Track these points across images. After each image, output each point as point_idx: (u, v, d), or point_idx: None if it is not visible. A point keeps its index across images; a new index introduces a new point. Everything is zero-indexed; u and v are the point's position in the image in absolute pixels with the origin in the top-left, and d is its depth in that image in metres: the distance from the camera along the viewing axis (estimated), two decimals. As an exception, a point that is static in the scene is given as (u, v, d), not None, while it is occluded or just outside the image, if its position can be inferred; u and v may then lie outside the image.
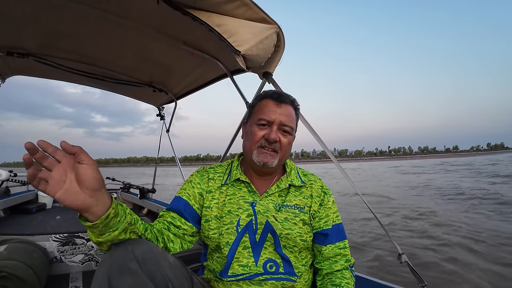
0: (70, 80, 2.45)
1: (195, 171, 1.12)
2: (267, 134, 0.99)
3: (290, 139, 1.04)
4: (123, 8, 1.40)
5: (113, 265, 0.69)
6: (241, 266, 0.94)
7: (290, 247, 0.98)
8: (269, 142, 0.99)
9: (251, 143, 1.02)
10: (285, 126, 1.01)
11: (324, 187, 1.11)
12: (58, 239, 1.96)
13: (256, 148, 1.00)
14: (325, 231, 1.02)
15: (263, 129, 1.01)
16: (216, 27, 1.12)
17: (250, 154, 1.02)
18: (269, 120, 1.00)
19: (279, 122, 1.00)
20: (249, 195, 1.03)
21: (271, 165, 0.99)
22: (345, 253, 1.02)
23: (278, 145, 1.00)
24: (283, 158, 1.04)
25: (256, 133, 1.01)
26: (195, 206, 1.02)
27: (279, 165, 1.05)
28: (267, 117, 1.00)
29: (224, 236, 0.97)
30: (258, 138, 1.00)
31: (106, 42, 1.79)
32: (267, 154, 0.99)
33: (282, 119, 1.00)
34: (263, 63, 1.35)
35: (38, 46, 1.83)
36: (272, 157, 0.99)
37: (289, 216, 1.00)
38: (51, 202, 2.80)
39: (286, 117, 1.01)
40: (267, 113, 1.01)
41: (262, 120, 1.01)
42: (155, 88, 2.56)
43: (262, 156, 0.99)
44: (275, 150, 1.00)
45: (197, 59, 1.87)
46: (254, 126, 1.03)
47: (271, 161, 0.99)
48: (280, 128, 1.01)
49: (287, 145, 1.02)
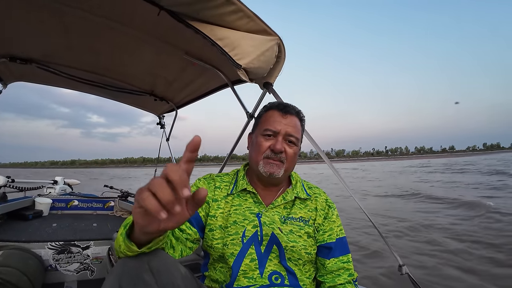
0: (72, 87, 2.47)
1: (201, 178, 1.11)
2: (273, 144, 1.00)
3: (295, 150, 1.04)
4: (126, 17, 1.42)
5: (127, 274, 0.67)
6: (246, 278, 0.93)
7: (294, 260, 0.97)
8: (274, 153, 0.99)
9: (257, 153, 1.02)
10: (290, 136, 1.02)
11: (329, 200, 1.12)
12: (54, 247, 1.94)
13: (262, 159, 1.01)
14: (329, 244, 1.02)
15: (268, 139, 1.02)
16: (218, 41, 1.14)
17: (256, 165, 1.02)
18: (274, 131, 1.01)
19: (284, 133, 1.01)
20: (255, 206, 1.03)
21: (277, 175, 1.00)
22: (349, 267, 1.01)
23: (284, 156, 1.01)
24: (289, 169, 1.04)
25: (262, 143, 1.02)
26: (201, 213, 1.01)
27: (285, 176, 1.06)
28: (273, 127, 1.01)
29: (229, 246, 0.95)
30: (264, 148, 1.01)
31: (108, 51, 1.82)
32: (273, 164, 1.00)
33: (287, 130, 1.01)
34: (265, 74, 1.37)
35: (42, 54, 1.86)
36: (278, 167, 1.00)
37: (294, 228, 1.00)
38: (47, 209, 2.77)
39: (291, 128, 1.02)
40: (272, 123, 1.02)
41: (268, 131, 1.02)
42: (156, 97, 2.58)
43: (268, 166, 0.99)
44: (281, 160, 1.01)
45: (199, 69, 1.89)
46: (260, 137, 1.03)
47: (277, 171, 1.00)
48: (286, 139, 1.02)
49: (292, 155, 1.03)
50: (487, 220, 5.74)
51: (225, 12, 1.10)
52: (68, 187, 3.46)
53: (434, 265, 3.67)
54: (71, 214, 2.91)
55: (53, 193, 3.18)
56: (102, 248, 2.06)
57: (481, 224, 5.50)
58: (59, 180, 3.40)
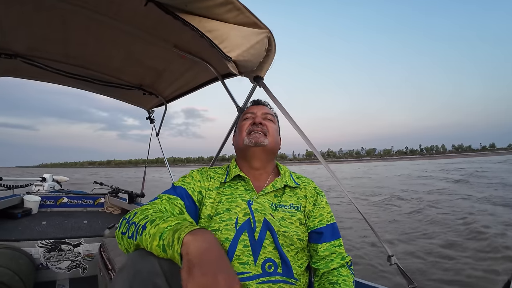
0: (59, 82, 2.41)
1: (194, 170, 1.13)
2: (252, 120, 1.13)
3: (274, 127, 1.16)
4: (113, 10, 1.39)
5: (137, 277, 0.65)
6: (241, 264, 0.93)
7: (287, 245, 0.98)
8: (255, 125, 1.10)
9: (241, 132, 1.13)
10: (267, 114, 1.17)
11: (317, 188, 1.16)
12: (44, 245, 1.91)
13: (246, 135, 1.10)
14: (320, 229, 1.04)
15: (248, 120, 1.15)
16: (207, 33, 1.12)
17: (241, 142, 1.11)
18: (252, 112, 1.17)
19: (261, 113, 1.16)
20: (246, 193, 1.05)
21: (262, 143, 1.07)
22: (340, 251, 1.04)
23: (265, 128, 1.11)
24: (273, 143, 1.12)
25: (243, 124, 1.14)
26: (195, 199, 1.01)
27: (270, 150, 1.12)
28: (250, 111, 1.18)
29: (223, 232, 0.96)
30: (246, 126, 1.12)
31: (95, 44, 1.78)
32: (257, 133, 1.08)
33: (263, 110, 1.18)
34: (254, 68, 1.36)
35: (27, 48, 1.80)
36: (262, 136, 1.08)
37: (285, 215, 1.02)
38: (36, 207, 2.73)
39: (266, 110, 1.19)
40: (249, 110, 1.19)
41: (247, 114, 1.17)
42: (145, 91, 2.55)
43: (252, 136, 1.08)
44: (264, 132, 1.10)
45: (188, 62, 1.87)
46: (241, 122, 1.17)
47: (262, 139, 1.07)
48: (264, 117, 1.15)
49: (273, 130, 1.14)
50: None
51: (214, 4, 1.08)
52: (57, 184, 3.40)
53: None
54: (60, 211, 2.88)
55: (42, 191, 3.13)
56: (93, 245, 2.05)
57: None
58: (47, 177, 3.34)
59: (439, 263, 4.00)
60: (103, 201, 3.11)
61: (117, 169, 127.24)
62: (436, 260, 4.10)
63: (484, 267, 3.73)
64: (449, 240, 4.98)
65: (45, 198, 2.89)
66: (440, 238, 5.16)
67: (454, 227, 5.82)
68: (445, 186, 13.12)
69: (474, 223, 5.86)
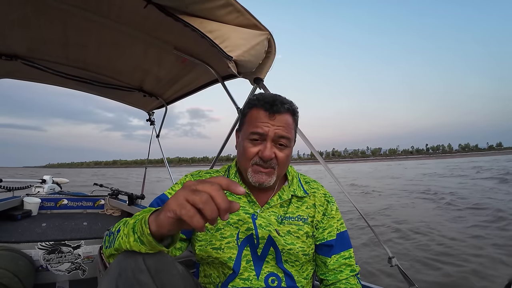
0: (59, 84, 2.42)
1: (188, 174, 1.04)
2: (261, 151, 0.89)
3: (287, 152, 0.94)
4: (113, 12, 1.40)
5: (123, 275, 0.64)
6: (242, 280, 0.90)
7: (291, 262, 0.95)
8: (263, 161, 0.90)
9: (245, 160, 0.93)
10: (281, 138, 0.91)
11: (327, 194, 1.06)
12: (44, 247, 1.91)
13: (251, 166, 0.92)
14: (330, 242, 0.98)
15: (256, 144, 0.91)
16: (208, 33, 1.13)
17: (245, 172, 0.95)
18: (262, 134, 0.90)
19: (273, 135, 0.90)
20: (249, 206, 0.96)
21: (268, 184, 0.92)
22: (350, 263, 0.99)
23: (275, 161, 0.91)
24: (282, 173, 0.97)
25: (249, 149, 0.91)
26: None
27: (278, 180, 0.98)
28: (260, 129, 0.89)
29: (225, 250, 0.91)
30: (251, 155, 0.91)
31: (96, 46, 1.78)
32: (263, 173, 0.91)
33: (277, 131, 0.90)
34: (254, 69, 1.36)
35: (27, 49, 1.81)
36: (269, 175, 0.92)
37: (292, 229, 0.96)
38: (36, 208, 2.73)
39: (281, 129, 0.90)
40: (259, 125, 0.90)
41: (254, 135, 0.90)
42: (145, 93, 2.55)
43: (258, 176, 0.91)
44: (272, 167, 0.92)
45: (188, 64, 1.88)
46: (246, 142, 0.92)
47: (268, 180, 0.91)
48: (276, 142, 0.91)
49: (285, 159, 0.93)
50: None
51: (214, 6, 1.09)
52: (57, 186, 3.40)
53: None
54: (60, 213, 2.87)
55: (42, 193, 3.12)
56: (93, 247, 2.04)
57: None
58: (47, 179, 3.33)
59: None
60: (103, 203, 3.11)
61: (126, 169, 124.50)
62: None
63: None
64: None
65: (45, 200, 2.89)
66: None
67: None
68: (491, 186, 11.57)
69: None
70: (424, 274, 3.48)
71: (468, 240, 4.67)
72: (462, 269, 3.51)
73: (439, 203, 8.39)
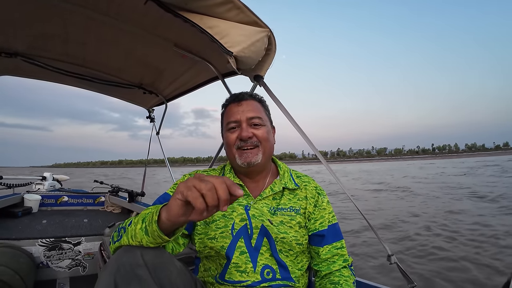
0: (59, 81, 2.41)
1: (187, 174, 1.09)
2: (239, 134, 1.00)
3: (265, 129, 1.03)
4: (112, 9, 1.39)
5: (121, 270, 0.66)
6: (239, 272, 0.92)
7: (286, 251, 0.97)
8: (244, 141, 0.99)
9: (229, 148, 1.03)
10: (253, 119, 1.01)
11: (318, 187, 1.11)
12: (45, 243, 1.92)
13: (236, 151, 1.01)
14: (321, 232, 1.02)
15: (234, 131, 1.02)
16: (207, 29, 1.12)
17: (233, 159, 1.03)
18: (235, 121, 1.02)
19: (245, 119, 1.01)
20: (243, 198, 1.02)
21: (256, 161, 0.99)
22: (343, 253, 1.02)
23: (256, 139, 1.00)
24: (267, 151, 1.04)
25: (229, 137, 1.02)
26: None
27: (266, 160, 1.05)
28: (233, 118, 1.02)
29: (218, 240, 0.95)
30: (232, 141, 1.01)
31: (96, 43, 1.77)
32: (248, 152, 0.99)
33: (247, 115, 1.01)
34: (253, 66, 1.36)
35: (27, 46, 1.80)
36: (254, 154, 0.99)
37: (284, 219, 0.99)
38: (37, 205, 2.74)
39: (251, 111, 1.02)
40: (231, 115, 1.03)
41: (230, 123, 1.03)
42: (145, 90, 2.54)
43: (244, 156, 0.99)
44: (255, 145, 1.00)
45: (188, 61, 1.87)
46: (226, 133, 1.04)
47: (255, 158, 0.99)
48: (250, 123, 1.01)
49: (265, 135, 1.02)
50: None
51: (214, 3, 1.09)
52: (57, 183, 3.41)
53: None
54: (61, 210, 2.88)
55: (42, 190, 3.13)
56: (93, 244, 2.05)
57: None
58: (47, 176, 3.34)
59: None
60: (103, 200, 3.12)
61: (133, 169, 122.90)
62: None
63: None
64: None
65: (45, 197, 2.89)
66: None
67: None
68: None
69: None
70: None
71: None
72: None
73: (500, 204, 7.59)
